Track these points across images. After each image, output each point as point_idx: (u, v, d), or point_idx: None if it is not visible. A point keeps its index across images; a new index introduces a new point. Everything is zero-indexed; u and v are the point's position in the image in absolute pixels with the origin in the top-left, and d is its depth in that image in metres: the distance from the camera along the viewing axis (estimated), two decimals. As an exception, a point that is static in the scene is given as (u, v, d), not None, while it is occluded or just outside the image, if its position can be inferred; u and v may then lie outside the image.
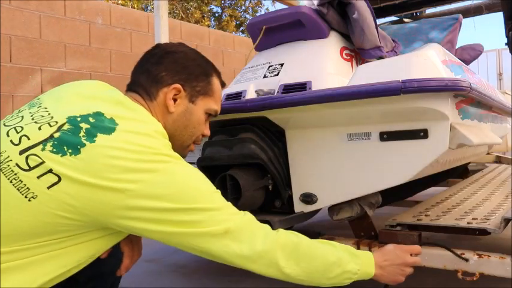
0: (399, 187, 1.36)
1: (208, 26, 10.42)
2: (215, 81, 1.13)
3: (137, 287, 1.81)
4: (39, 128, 0.88)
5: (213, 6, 11.68)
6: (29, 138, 0.87)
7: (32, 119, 0.91)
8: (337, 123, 1.36)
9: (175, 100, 1.06)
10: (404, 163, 1.29)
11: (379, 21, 3.38)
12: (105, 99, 0.98)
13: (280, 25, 1.78)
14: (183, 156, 1.09)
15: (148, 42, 3.73)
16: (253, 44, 1.89)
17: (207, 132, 1.16)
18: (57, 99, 0.99)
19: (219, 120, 1.52)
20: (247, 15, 11.92)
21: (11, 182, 0.83)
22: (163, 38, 2.53)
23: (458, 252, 1.29)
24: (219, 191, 0.98)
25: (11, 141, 0.87)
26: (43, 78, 3.06)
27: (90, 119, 0.89)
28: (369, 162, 1.34)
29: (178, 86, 1.05)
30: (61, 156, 0.83)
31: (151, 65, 1.08)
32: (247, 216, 0.99)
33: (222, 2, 11.70)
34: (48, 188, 0.82)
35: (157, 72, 1.06)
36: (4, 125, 0.93)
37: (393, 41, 1.99)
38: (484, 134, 1.64)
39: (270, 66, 1.75)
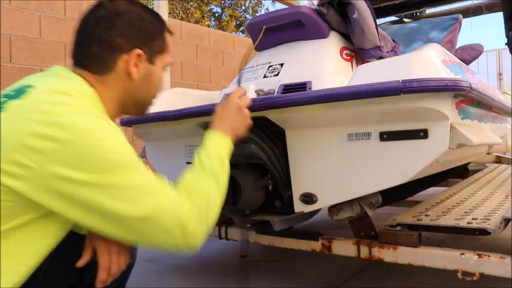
0: (399, 187, 1.36)
1: (208, 26, 10.42)
2: (167, 35, 1.08)
3: (137, 287, 1.81)
4: None
5: (213, 6, 11.68)
6: None
7: None
8: (337, 123, 1.36)
9: (136, 65, 1.00)
10: (404, 163, 1.29)
11: (379, 21, 3.38)
12: (43, 74, 0.96)
13: (280, 25, 1.78)
14: (143, 115, 1.14)
15: (148, 42, 3.73)
16: (253, 44, 1.89)
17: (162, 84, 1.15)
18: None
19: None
20: (247, 15, 11.92)
21: None
22: (163, 38, 2.53)
23: (458, 252, 1.30)
24: (141, 161, 0.88)
25: None
26: (43, 78, 3.06)
27: (11, 93, 0.88)
28: (369, 162, 1.34)
29: (138, 51, 0.99)
30: None
31: (103, 31, 0.96)
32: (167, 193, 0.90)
33: (222, 2, 11.70)
34: None
35: (111, 38, 0.96)
36: None
37: (393, 41, 1.99)
38: (484, 134, 1.64)
39: (270, 66, 1.75)
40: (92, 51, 0.97)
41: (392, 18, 3.59)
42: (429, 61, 1.34)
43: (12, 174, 0.77)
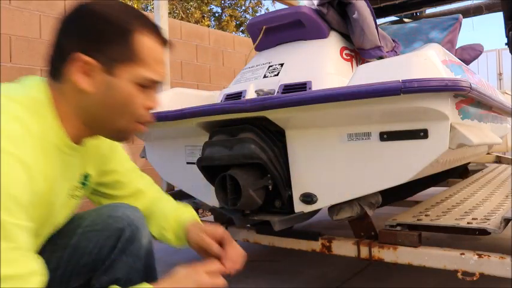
0: (399, 187, 1.36)
1: (208, 26, 10.42)
2: (141, 41, 0.83)
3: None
4: None
5: (213, 6, 11.68)
6: None
7: None
8: (337, 123, 1.36)
9: (87, 74, 0.81)
10: (404, 163, 1.29)
11: (379, 21, 3.38)
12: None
13: (280, 25, 1.78)
14: (125, 140, 0.94)
15: (148, 42, 3.73)
16: (253, 44, 1.89)
17: (153, 104, 0.90)
18: None
19: (219, 120, 1.52)
20: (247, 15, 11.92)
21: None
22: (163, 38, 2.53)
23: (458, 252, 1.30)
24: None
25: None
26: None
27: None
28: (369, 162, 1.34)
29: (84, 57, 0.79)
30: None
31: (58, 34, 0.84)
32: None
33: (222, 2, 11.70)
34: None
35: (60, 41, 0.83)
36: None
37: (393, 41, 1.99)
38: (484, 134, 1.64)
39: (270, 66, 1.75)
40: (50, 56, 0.86)
41: (392, 18, 3.59)
42: (429, 61, 1.34)
43: None
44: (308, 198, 1.45)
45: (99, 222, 1.02)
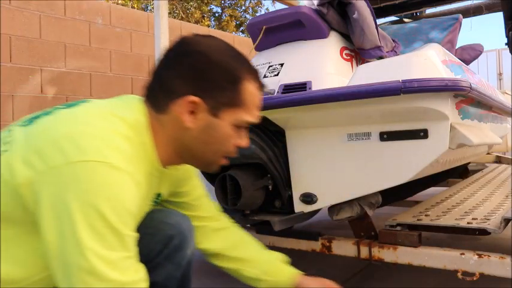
0: (399, 187, 1.36)
1: (208, 26, 10.42)
2: (247, 87, 0.89)
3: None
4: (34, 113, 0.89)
5: (213, 6, 11.68)
6: (20, 119, 0.88)
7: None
8: (337, 123, 1.36)
9: (193, 113, 0.87)
10: (404, 163, 1.29)
11: (379, 21, 3.38)
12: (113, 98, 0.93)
13: (280, 25, 1.78)
14: (209, 171, 1.00)
15: (148, 43, 3.73)
16: (253, 44, 1.89)
17: (244, 143, 0.95)
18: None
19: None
20: (247, 15, 11.92)
21: None
22: (163, 38, 2.53)
23: (458, 252, 1.30)
24: (127, 234, 0.76)
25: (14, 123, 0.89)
26: (43, 78, 3.06)
27: (72, 102, 0.88)
28: (369, 162, 1.34)
29: (195, 98, 0.85)
30: (19, 126, 0.84)
31: (164, 69, 0.90)
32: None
33: (222, 2, 11.70)
34: None
35: (169, 79, 0.88)
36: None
37: (393, 41, 1.99)
38: (484, 134, 1.64)
39: (270, 66, 1.75)
40: (153, 87, 0.90)
41: (392, 18, 3.59)
42: (429, 61, 1.34)
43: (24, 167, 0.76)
44: (308, 198, 1.45)
45: (151, 226, 1.03)
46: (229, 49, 0.91)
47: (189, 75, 0.87)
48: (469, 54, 2.72)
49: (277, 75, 1.68)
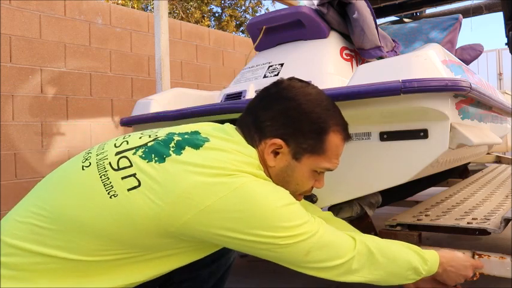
0: (399, 187, 1.36)
1: (208, 26, 10.42)
2: (332, 138, 0.98)
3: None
4: (140, 138, 0.94)
5: (213, 6, 11.67)
6: (128, 143, 0.92)
7: (142, 133, 0.97)
8: (337, 123, 1.36)
9: (277, 153, 0.97)
10: (404, 163, 1.29)
11: (379, 21, 3.38)
12: (210, 124, 1.01)
13: (280, 25, 1.78)
14: None
15: (149, 43, 3.73)
16: (253, 44, 1.89)
17: (320, 185, 1.05)
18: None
19: (219, 120, 1.52)
20: (247, 15, 11.91)
21: (100, 177, 0.87)
22: (163, 38, 2.53)
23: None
24: (296, 203, 0.92)
25: (115, 144, 0.93)
26: (43, 78, 3.06)
27: (186, 136, 0.92)
28: (369, 162, 1.34)
29: (279, 141, 0.95)
30: (147, 162, 0.87)
31: (260, 109, 0.99)
32: (324, 231, 0.93)
33: (222, 2, 11.69)
34: (128, 190, 0.84)
35: (262, 119, 0.97)
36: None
37: (393, 41, 1.99)
38: (484, 134, 1.64)
39: (270, 66, 1.75)
40: (248, 123, 0.99)
41: (393, 18, 3.59)
42: (429, 61, 1.34)
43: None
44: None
45: None
46: (322, 99, 0.99)
47: (279, 119, 0.95)
48: (469, 54, 2.72)
49: (277, 75, 1.68)
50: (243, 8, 12.01)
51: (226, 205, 0.83)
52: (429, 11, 3.79)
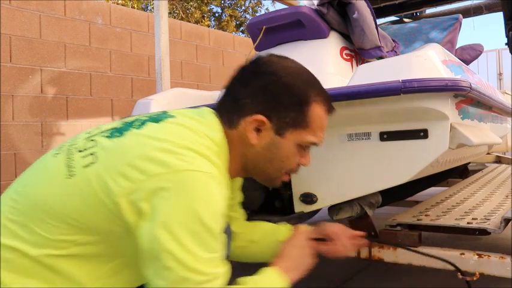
0: (399, 187, 1.36)
1: (208, 26, 10.42)
2: (314, 110, 0.94)
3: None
4: (112, 123, 0.93)
5: (213, 6, 11.67)
6: (98, 129, 0.91)
7: (115, 121, 0.96)
8: (337, 123, 1.36)
9: (259, 130, 0.92)
10: (404, 163, 1.29)
11: (379, 21, 3.38)
12: (189, 109, 0.98)
13: (280, 25, 1.78)
14: (271, 186, 1.06)
15: (149, 43, 3.73)
16: (253, 44, 1.89)
17: (306, 161, 1.00)
18: None
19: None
20: (247, 15, 11.91)
21: (66, 160, 0.85)
22: (163, 38, 2.53)
23: (458, 252, 1.30)
24: (218, 237, 0.81)
25: (88, 131, 0.92)
26: (43, 78, 3.06)
27: (153, 115, 0.91)
28: (369, 162, 1.34)
29: (261, 117, 0.91)
30: (109, 139, 0.85)
31: (238, 87, 0.95)
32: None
33: (222, 2, 11.69)
34: (84, 167, 0.82)
35: (241, 96, 0.93)
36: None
37: (393, 41, 1.99)
38: (484, 134, 1.64)
39: (270, 66, 1.75)
40: (226, 103, 0.96)
41: (393, 18, 3.59)
42: (429, 61, 1.34)
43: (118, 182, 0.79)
44: (308, 198, 1.45)
45: None
46: (302, 72, 0.96)
47: (259, 95, 0.91)
48: (469, 54, 2.72)
49: (277, 75, 1.68)
50: (243, 8, 12.01)
51: (161, 183, 0.77)
52: (429, 11, 3.79)
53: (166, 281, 0.76)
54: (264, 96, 0.91)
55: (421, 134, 1.25)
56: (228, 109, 0.94)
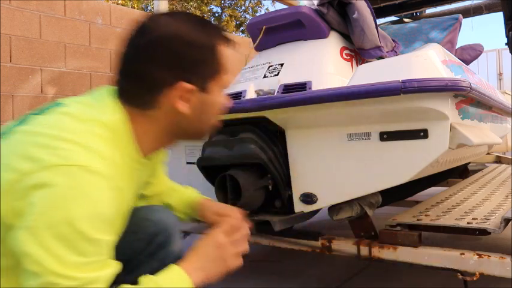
0: (399, 187, 1.36)
1: (208, 26, 10.40)
2: (222, 52, 0.89)
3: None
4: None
5: (213, 6, 11.68)
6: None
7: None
8: (337, 123, 1.36)
9: (185, 98, 0.85)
10: (404, 163, 1.29)
11: (379, 21, 3.38)
12: (87, 95, 0.90)
13: (280, 25, 1.78)
14: (202, 138, 1.00)
15: (148, 42, 3.73)
16: (253, 44, 1.89)
17: (228, 101, 0.97)
18: None
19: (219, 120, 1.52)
20: (247, 15, 11.92)
21: None
22: (163, 38, 2.53)
23: (458, 252, 1.30)
24: (96, 241, 0.73)
25: None
26: (43, 78, 3.06)
27: (44, 107, 0.84)
28: (369, 162, 1.34)
29: (183, 84, 0.83)
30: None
31: (140, 64, 0.84)
32: None
33: (222, 2, 11.70)
34: None
35: (147, 72, 0.83)
36: None
37: (393, 41, 1.99)
38: (484, 134, 1.64)
39: (270, 66, 1.75)
40: (130, 86, 0.86)
41: (393, 18, 3.59)
42: (429, 61, 1.34)
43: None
44: (308, 198, 1.45)
45: (134, 224, 1.01)
46: (192, 18, 0.89)
47: (169, 62, 0.83)
48: (469, 54, 2.72)
49: (277, 75, 1.68)
50: (243, 8, 12.02)
51: (32, 180, 0.71)
52: (429, 11, 3.79)
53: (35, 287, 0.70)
54: (175, 62, 0.83)
55: (421, 134, 1.25)
56: (137, 91, 0.85)
